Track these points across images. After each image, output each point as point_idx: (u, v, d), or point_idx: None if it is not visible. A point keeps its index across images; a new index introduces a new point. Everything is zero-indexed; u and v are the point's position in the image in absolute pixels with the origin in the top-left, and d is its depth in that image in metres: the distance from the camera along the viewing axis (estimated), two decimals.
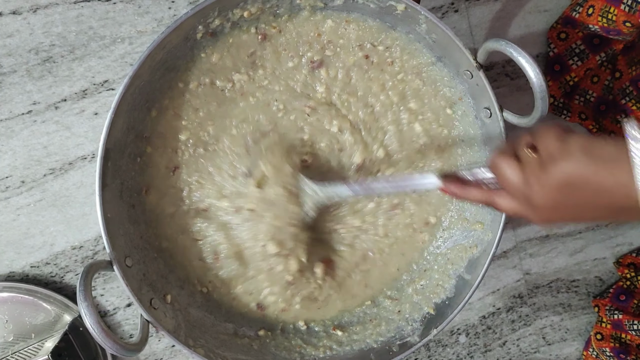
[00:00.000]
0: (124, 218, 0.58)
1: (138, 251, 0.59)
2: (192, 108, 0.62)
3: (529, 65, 0.51)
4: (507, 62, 0.82)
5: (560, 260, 0.91)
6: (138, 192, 0.61)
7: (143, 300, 0.54)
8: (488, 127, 0.63)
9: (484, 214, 0.66)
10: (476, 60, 0.57)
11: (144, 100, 0.58)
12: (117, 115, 0.53)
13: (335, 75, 0.65)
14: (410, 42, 0.65)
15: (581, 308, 0.94)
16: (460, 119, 0.68)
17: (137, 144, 0.60)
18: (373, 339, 0.65)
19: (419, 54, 0.65)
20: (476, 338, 0.90)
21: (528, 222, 0.87)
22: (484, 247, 0.64)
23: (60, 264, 0.74)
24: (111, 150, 0.54)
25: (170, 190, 0.63)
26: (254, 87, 0.63)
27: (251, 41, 0.62)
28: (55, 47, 0.69)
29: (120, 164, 0.57)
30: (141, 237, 0.61)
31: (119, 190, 0.58)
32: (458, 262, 0.67)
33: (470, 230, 0.67)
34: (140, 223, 0.61)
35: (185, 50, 0.58)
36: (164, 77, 0.59)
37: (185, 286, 0.64)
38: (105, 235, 0.52)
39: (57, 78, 0.70)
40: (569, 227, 0.89)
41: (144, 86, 0.56)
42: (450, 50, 0.59)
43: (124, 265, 0.54)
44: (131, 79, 0.52)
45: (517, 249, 0.89)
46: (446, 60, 0.64)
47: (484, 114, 0.62)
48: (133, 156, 0.60)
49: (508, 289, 0.90)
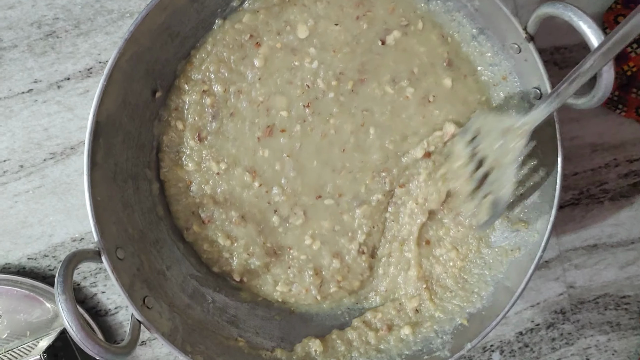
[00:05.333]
0: (117, 204, 0.54)
1: (133, 243, 0.55)
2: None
3: (592, 32, 0.46)
4: (556, 49, 0.76)
5: (609, 273, 0.85)
6: (134, 177, 0.57)
7: (135, 298, 0.50)
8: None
9: (529, 211, 0.61)
10: (526, 31, 0.53)
11: (144, 71, 0.54)
12: (110, 85, 0.49)
13: None
14: (449, 11, 0.61)
15: (631, 328, 0.89)
16: (503, 103, 0.63)
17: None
18: (397, 352, 0.59)
19: (459, 27, 0.62)
20: (511, 356, 0.86)
21: (575, 229, 0.83)
22: (527, 250, 0.59)
23: (59, 257, 0.71)
24: (103, 124, 0.50)
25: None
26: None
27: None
28: (59, 20, 0.66)
29: (114, 142, 0.53)
30: (138, 227, 0.57)
31: (112, 171, 0.54)
32: (497, 266, 0.63)
33: (513, 230, 0.63)
34: (138, 210, 0.57)
35: (191, 14, 0.55)
36: (167, 45, 0.55)
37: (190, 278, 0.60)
38: (93, 220, 0.49)
39: (60, 55, 0.67)
40: (620, 236, 0.84)
41: (142, 54, 0.52)
42: (495, 20, 0.56)
43: (115, 257, 0.50)
44: (126, 42, 0.48)
45: (561, 258, 0.84)
46: (489, 33, 0.60)
47: (533, 95, 0.58)
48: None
49: (549, 303, 0.85)
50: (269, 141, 0.61)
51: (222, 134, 0.60)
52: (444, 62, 0.62)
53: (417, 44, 0.62)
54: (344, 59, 0.61)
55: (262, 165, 0.61)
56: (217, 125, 0.60)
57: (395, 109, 0.62)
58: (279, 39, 0.59)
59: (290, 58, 0.60)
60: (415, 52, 0.62)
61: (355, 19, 0.61)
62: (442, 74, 0.62)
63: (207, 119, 0.60)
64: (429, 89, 0.62)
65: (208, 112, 0.60)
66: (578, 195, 0.79)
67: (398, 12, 0.61)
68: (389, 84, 0.61)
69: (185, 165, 0.60)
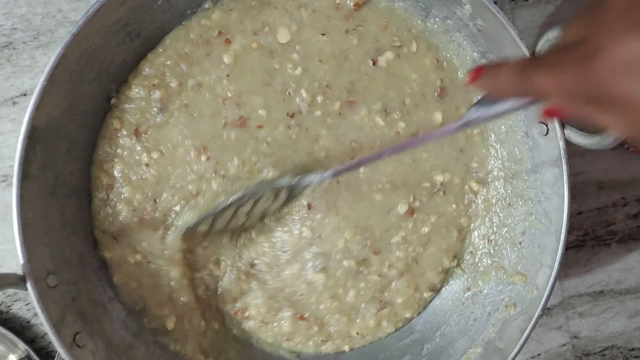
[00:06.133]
0: (54, 222, 0.48)
1: (71, 268, 0.49)
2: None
3: None
4: None
5: (616, 323, 0.81)
6: (79, 193, 0.52)
7: (63, 333, 0.43)
8: (542, 149, 0.55)
9: (527, 262, 0.57)
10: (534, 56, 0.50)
11: (95, 73, 0.49)
12: (52, 85, 0.43)
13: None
14: (449, 32, 0.58)
15: None
16: (504, 138, 0.60)
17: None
18: None
19: (459, 50, 0.59)
20: None
21: (579, 273, 0.79)
22: (525, 307, 0.55)
23: (7, 290, 0.65)
24: (42, 130, 0.45)
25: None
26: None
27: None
28: (16, 31, 0.63)
29: (56, 151, 0.48)
30: (79, 250, 0.51)
31: (50, 185, 0.48)
32: (488, 324, 0.59)
33: (508, 283, 0.59)
34: (80, 230, 0.52)
35: (155, 13, 0.50)
36: (126, 45, 0.51)
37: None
38: (20, 240, 0.43)
39: (17, 68, 0.63)
40: (629, 282, 0.80)
41: (95, 53, 0.47)
42: (500, 43, 0.53)
43: (44, 284, 0.44)
44: (74, 37, 0.42)
45: (564, 305, 0.79)
46: (492, 57, 0.57)
47: (538, 130, 0.55)
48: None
49: (551, 354, 0.80)
50: (239, 131, 0.56)
51: (169, 124, 0.55)
52: (435, 92, 0.59)
53: (410, 69, 0.59)
54: (330, 71, 0.57)
55: (220, 145, 0.56)
56: (164, 117, 0.55)
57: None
58: (255, 39, 0.56)
59: (267, 60, 0.56)
60: (406, 78, 0.59)
61: (345, 32, 0.57)
62: (433, 107, 0.59)
63: (152, 112, 0.55)
64: (419, 123, 0.59)
65: (154, 106, 0.55)
66: (583, 237, 0.75)
67: (391, 30, 0.58)
68: (380, 114, 0.58)
69: (112, 168, 0.54)
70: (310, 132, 0.57)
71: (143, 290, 0.55)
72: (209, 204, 0.55)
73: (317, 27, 0.56)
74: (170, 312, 0.56)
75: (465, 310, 0.61)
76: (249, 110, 0.56)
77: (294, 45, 0.56)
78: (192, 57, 0.55)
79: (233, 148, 0.55)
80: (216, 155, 0.55)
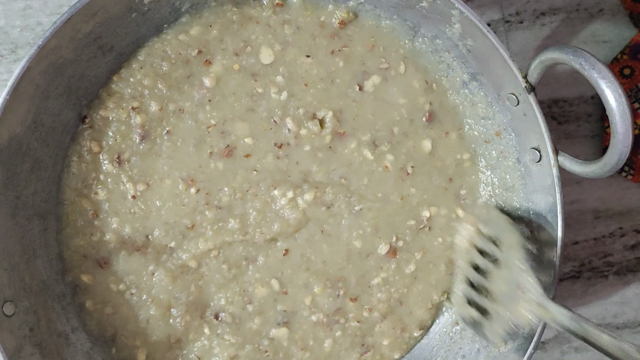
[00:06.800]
0: (14, 246, 0.47)
1: (30, 296, 0.48)
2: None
3: (607, 84, 0.41)
4: (554, 102, 0.73)
5: None
6: (43, 215, 0.50)
7: None
8: (534, 176, 0.55)
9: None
10: (526, 80, 0.49)
11: (64, 87, 0.48)
12: (16, 99, 0.42)
13: None
14: (438, 52, 0.57)
15: None
16: (495, 164, 0.59)
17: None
18: None
19: (448, 71, 0.58)
20: None
21: (575, 306, 0.78)
22: (517, 343, 0.54)
23: None
24: (3, 147, 0.44)
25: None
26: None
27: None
28: None
29: (18, 170, 0.47)
30: (40, 276, 0.50)
31: (11, 206, 0.47)
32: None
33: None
34: (43, 255, 0.50)
35: (129, 26, 0.49)
36: (97, 59, 0.50)
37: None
38: None
39: None
40: (627, 316, 0.78)
41: (63, 66, 0.46)
42: (491, 64, 0.52)
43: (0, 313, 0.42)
44: (40, 49, 0.41)
45: (559, 339, 0.77)
46: (483, 80, 0.56)
47: (531, 157, 0.54)
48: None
49: None
50: (227, 160, 0.55)
51: (153, 152, 0.54)
52: (423, 117, 0.58)
53: (398, 93, 0.58)
54: (317, 95, 0.56)
55: (209, 175, 0.55)
56: (147, 145, 0.54)
57: (373, 183, 0.58)
58: (236, 60, 0.54)
59: (250, 84, 0.55)
60: (394, 103, 0.58)
61: (330, 54, 0.56)
62: (422, 134, 0.59)
63: (134, 139, 0.53)
64: (408, 155, 0.59)
65: (135, 133, 0.53)
66: (579, 268, 0.73)
67: (378, 51, 0.57)
68: (369, 147, 0.57)
69: (94, 194, 0.53)
70: (300, 166, 0.56)
71: (117, 318, 0.54)
72: (218, 233, 0.55)
73: (302, 47, 0.56)
74: (142, 344, 0.54)
75: (454, 346, 0.59)
76: (234, 139, 0.55)
77: (277, 67, 0.55)
78: (170, 78, 0.54)
79: (222, 177, 0.55)
80: (206, 187, 0.54)
